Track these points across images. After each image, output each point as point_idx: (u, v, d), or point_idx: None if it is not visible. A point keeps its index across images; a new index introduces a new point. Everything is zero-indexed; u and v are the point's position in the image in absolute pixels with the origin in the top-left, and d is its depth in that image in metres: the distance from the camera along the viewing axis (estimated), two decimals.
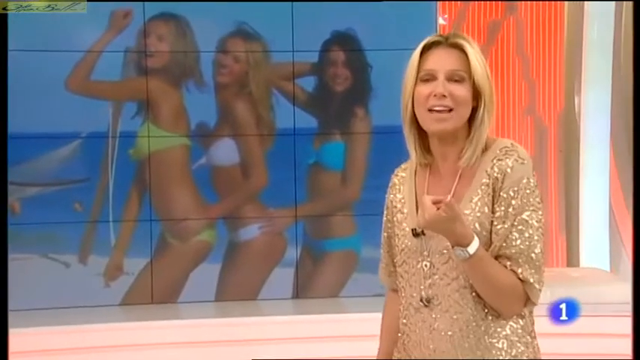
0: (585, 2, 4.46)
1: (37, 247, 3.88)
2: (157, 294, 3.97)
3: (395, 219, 1.71)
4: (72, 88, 3.85)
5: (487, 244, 1.57)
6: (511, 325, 1.57)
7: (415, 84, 1.59)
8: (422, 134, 1.63)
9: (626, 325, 3.44)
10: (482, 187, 1.57)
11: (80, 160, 3.91)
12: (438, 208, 1.48)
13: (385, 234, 1.78)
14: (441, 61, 1.57)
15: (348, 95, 4.04)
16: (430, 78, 1.57)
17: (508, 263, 1.54)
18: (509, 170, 1.54)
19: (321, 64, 4.01)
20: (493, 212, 1.55)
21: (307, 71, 4.01)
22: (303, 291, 4.07)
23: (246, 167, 4.04)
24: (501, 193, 1.55)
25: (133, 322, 3.73)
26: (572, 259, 4.68)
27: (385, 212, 1.77)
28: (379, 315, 4.60)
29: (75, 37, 3.87)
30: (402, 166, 1.78)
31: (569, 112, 4.68)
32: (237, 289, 4.04)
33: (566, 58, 4.69)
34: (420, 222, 1.51)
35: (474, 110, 1.58)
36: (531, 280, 1.53)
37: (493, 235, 1.55)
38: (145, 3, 3.86)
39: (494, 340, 1.57)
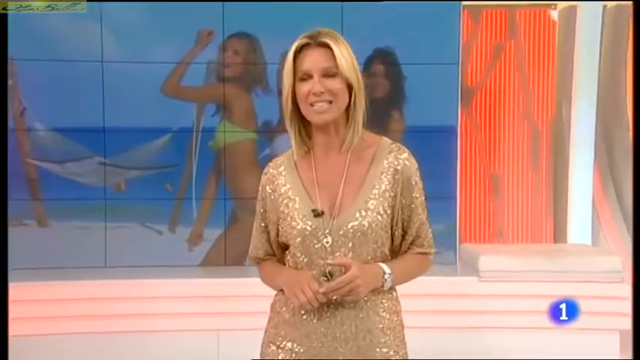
0: (576, 28, 4.92)
1: (137, 217, 4.36)
2: (230, 257, 4.42)
3: (283, 206, 1.70)
4: (166, 92, 4.31)
5: (389, 220, 1.65)
6: (391, 293, 1.73)
7: (294, 82, 1.64)
8: (304, 125, 1.69)
9: (615, 288, 3.90)
10: (383, 175, 1.66)
11: (171, 150, 4.36)
12: (344, 271, 1.56)
13: (263, 224, 1.77)
14: (314, 61, 1.62)
15: (387, 101, 4.43)
16: (307, 77, 1.63)
17: (412, 238, 1.68)
18: (407, 162, 1.68)
19: (365, 75, 4.45)
20: (398, 194, 1.66)
21: None
22: None
23: None
24: (405, 182, 1.67)
25: (210, 279, 4.13)
26: (559, 237, 4.95)
27: (261, 204, 1.75)
28: None
29: (168, 51, 4.36)
30: (272, 162, 1.78)
31: (559, 118, 5.07)
32: None
33: (557, 74, 5.04)
34: (359, 292, 1.57)
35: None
36: (431, 251, 1.74)
37: (400, 214, 1.64)
38: (225, 24, 4.32)
39: (384, 300, 1.70)
